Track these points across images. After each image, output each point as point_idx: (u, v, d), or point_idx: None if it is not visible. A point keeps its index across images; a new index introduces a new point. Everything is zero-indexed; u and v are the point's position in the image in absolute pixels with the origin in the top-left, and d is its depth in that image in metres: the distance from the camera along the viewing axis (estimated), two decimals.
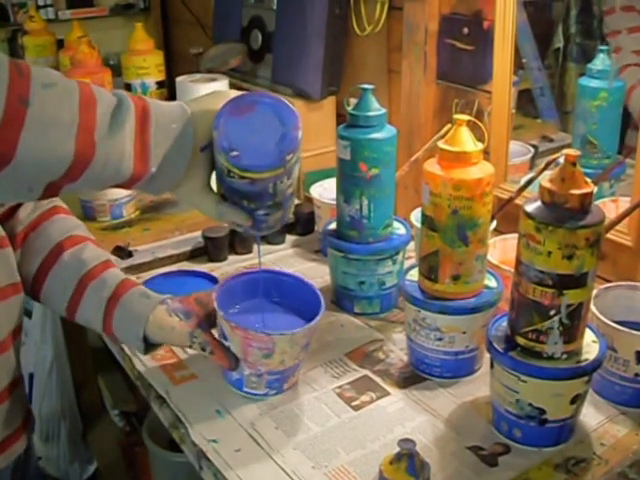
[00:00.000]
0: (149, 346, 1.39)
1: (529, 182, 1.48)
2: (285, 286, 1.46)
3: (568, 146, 1.78)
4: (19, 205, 1.40)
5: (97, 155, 0.99)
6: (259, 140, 1.09)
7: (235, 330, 1.32)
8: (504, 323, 1.28)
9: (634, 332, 1.29)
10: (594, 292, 1.28)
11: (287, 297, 1.27)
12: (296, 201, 2.22)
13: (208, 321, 1.40)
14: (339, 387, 1.44)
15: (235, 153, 1.08)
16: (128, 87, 2.33)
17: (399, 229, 1.69)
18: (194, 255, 1.96)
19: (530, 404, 1.22)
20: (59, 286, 1.39)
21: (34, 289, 1.40)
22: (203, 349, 1.35)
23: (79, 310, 1.40)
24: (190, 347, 1.37)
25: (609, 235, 1.50)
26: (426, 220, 1.39)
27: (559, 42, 1.96)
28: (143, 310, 1.37)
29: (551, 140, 2.02)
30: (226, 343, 1.36)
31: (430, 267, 1.40)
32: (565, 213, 1.13)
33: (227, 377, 1.42)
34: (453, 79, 1.96)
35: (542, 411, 1.22)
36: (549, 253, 1.13)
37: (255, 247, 1.99)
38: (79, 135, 0.96)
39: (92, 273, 1.39)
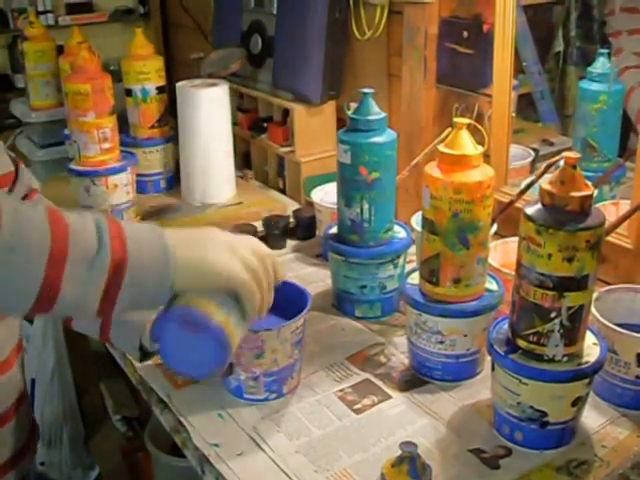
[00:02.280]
0: (145, 354, 1.38)
1: (529, 185, 1.48)
2: (277, 292, 1.46)
3: (568, 149, 1.78)
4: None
5: (57, 307, 0.98)
6: (195, 359, 1.08)
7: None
8: (505, 326, 1.29)
9: (635, 335, 1.30)
10: (595, 295, 1.28)
11: (276, 301, 1.27)
12: (297, 205, 2.23)
13: None
14: (341, 390, 1.44)
15: (167, 360, 1.09)
16: (129, 92, 2.33)
17: (400, 233, 1.70)
18: None
19: (531, 407, 1.22)
20: None
21: None
22: None
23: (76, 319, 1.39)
24: None
25: (610, 238, 1.50)
26: (427, 223, 1.39)
27: (559, 46, 1.96)
28: (139, 319, 1.35)
29: (551, 143, 2.03)
30: None
31: (431, 270, 1.40)
32: (565, 216, 1.13)
33: (227, 385, 1.43)
34: (453, 83, 1.96)
35: (543, 414, 1.22)
36: (549, 255, 1.13)
37: None
38: (42, 292, 0.95)
39: None
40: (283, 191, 2.42)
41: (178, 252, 1.04)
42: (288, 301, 1.24)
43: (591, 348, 1.25)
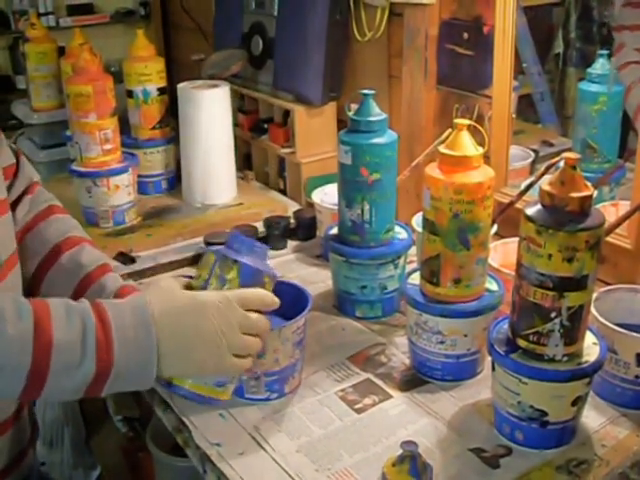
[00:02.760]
0: None
1: (529, 186, 1.49)
2: (278, 293, 1.47)
3: (568, 150, 1.79)
4: (15, 205, 1.40)
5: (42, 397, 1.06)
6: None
7: None
8: (505, 326, 1.29)
9: (634, 334, 1.30)
10: (595, 295, 1.29)
11: (282, 303, 1.28)
12: (298, 206, 2.23)
13: None
14: (342, 390, 1.44)
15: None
16: (130, 93, 2.34)
17: (400, 233, 1.70)
18: (196, 261, 1.96)
19: (531, 406, 1.23)
20: (57, 288, 1.39)
21: (31, 290, 1.40)
22: None
23: None
24: None
25: (609, 238, 1.51)
26: (427, 224, 1.39)
27: (559, 47, 1.96)
28: None
29: (551, 145, 2.03)
30: None
31: (431, 271, 1.40)
32: (565, 216, 1.14)
33: None
34: (453, 84, 1.97)
35: (543, 413, 1.23)
36: (549, 256, 1.14)
37: None
38: (23, 396, 1.03)
39: (91, 277, 1.40)
40: (284, 192, 2.42)
41: (164, 351, 1.09)
42: (289, 301, 1.25)
43: (591, 348, 1.25)
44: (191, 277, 1.23)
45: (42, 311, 1.04)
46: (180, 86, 2.25)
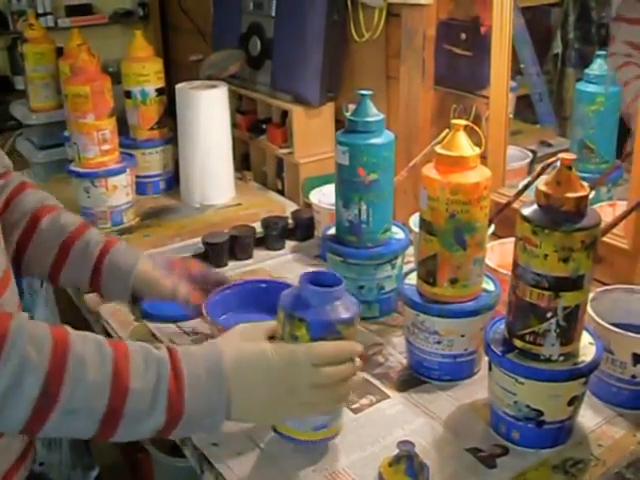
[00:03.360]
0: (135, 300, 1.46)
1: (526, 186, 1.49)
2: (276, 293, 1.48)
3: (566, 151, 1.79)
4: None
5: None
6: None
7: (222, 332, 1.35)
8: (502, 326, 1.29)
9: (631, 334, 1.30)
10: (591, 295, 1.29)
11: (275, 301, 1.29)
12: (295, 207, 2.23)
13: (188, 279, 1.54)
14: None
15: None
16: (128, 94, 2.34)
17: (398, 234, 1.70)
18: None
19: (528, 406, 1.23)
20: (41, 251, 1.46)
21: (16, 261, 1.42)
22: (186, 300, 1.50)
23: (64, 271, 1.48)
24: (173, 300, 1.50)
25: (606, 238, 1.51)
26: (424, 224, 1.40)
27: (557, 47, 1.97)
28: (130, 262, 1.47)
29: (549, 145, 2.03)
30: None
31: (428, 271, 1.41)
32: (561, 216, 1.14)
33: None
34: (451, 84, 1.97)
35: (540, 413, 1.23)
36: (545, 256, 1.14)
37: (256, 252, 2.00)
38: (96, 436, 1.06)
39: (74, 235, 1.47)
40: (282, 192, 2.42)
41: (233, 403, 1.12)
42: None
43: (587, 348, 1.26)
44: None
45: (122, 357, 1.07)
46: (178, 87, 2.25)
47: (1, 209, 1.46)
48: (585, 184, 1.17)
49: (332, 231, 1.71)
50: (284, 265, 1.96)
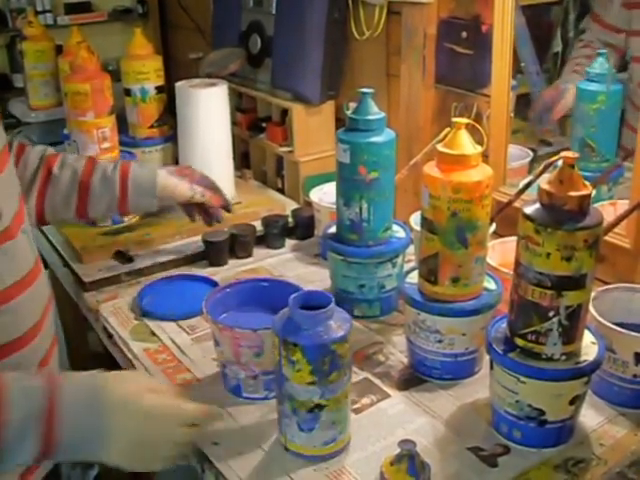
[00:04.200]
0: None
1: (528, 185, 1.49)
2: (276, 292, 1.48)
3: (567, 149, 1.79)
4: None
5: None
6: None
7: (223, 331, 1.37)
8: (503, 325, 1.29)
9: (633, 334, 1.30)
10: (593, 294, 1.29)
11: (279, 302, 1.29)
12: (296, 205, 2.23)
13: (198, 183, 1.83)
14: None
15: None
16: (128, 92, 2.34)
17: (398, 232, 1.70)
18: (194, 259, 1.97)
19: (529, 405, 1.23)
20: (62, 197, 1.67)
21: (38, 212, 1.66)
22: (202, 195, 1.82)
23: (90, 206, 1.71)
24: (191, 199, 1.81)
25: (608, 238, 1.51)
26: (425, 223, 1.39)
27: (558, 46, 1.96)
28: (150, 176, 1.74)
29: (550, 144, 2.03)
30: (218, 348, 1.42)
31: (430, 269, 1.40)
32: (564, 215, 1.14)
33: (227, 384, 1.44)
34: (452, 83, 1.97)
35: (541, 412, 1.23)
36: (548, 255, 1.14)
37: (256, 251, 2.00)
38: None
39: (87, 171, 1.70)
40: (282, 191, 2.42)
41: (109, 443, 1.12)
42: (286, 301, 1.25)
43: (589, 347, 1.25)
44: None
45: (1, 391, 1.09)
46: (178, 85, 2.24)
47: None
48: (587, 183, 1.16)
49: (333, 229, 1.71)
50: (284, 264, 1.96)
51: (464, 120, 1.36)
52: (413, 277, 1.49)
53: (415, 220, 1.72)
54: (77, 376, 1.18)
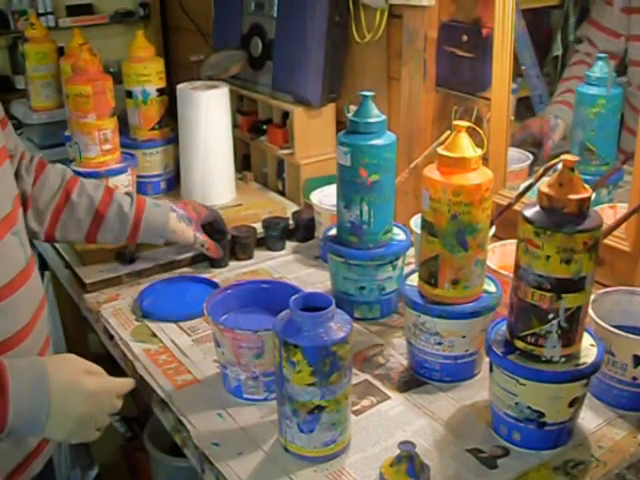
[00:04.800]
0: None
1: (528, 188, 1.49)
2: (277, 294, 1.49)
3: (566, 153, 1.79)
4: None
5: None
6: None
7: (224, 332, 1.37)
8: (503, 327, 1.30)
9: (632, 336, 1.31)
10: (592, 297, 1.29)
11: (280, 304, 1.30)
12: (296, 207, 2.24)
13: (201, 226, 1.90)
14: None
15: None
16: (129, 94, 2.34)
17: (399, 235, 1.70)
18: (195, 261, 1.97)
19: (529, 407, 1.23)
20: (76, 220, 1.73)
21: (49, 231, 1.71)
22: (202, 245, 1.88)
23: (100, 233, 1.76)
24: (193, 245, 1.88)
25: (607, 241, 1.51)
26: (426, 225, 1.40)
27: (558, 50, 1.97)
28: (162, 219, 1.81)
29: None
30: (219, 349, 1.42)
31: (430, 272, 1.41)
32: (563, 218, 1.14)
33: (227, 385, 1.44)
34: (452, 86, 1.97)
35: (541, 414, 1.23)
36: (547, 257, 1.15)
37: (256, 253, 2.01)
38: None
39: (104, 202, 1.75)
40: (282, 193, 2.43)
41: (50, 421, 1.20)
42: (287, 302, 1.25)
43: (588, 349, 1.26)
44: None
45: None
46: (179, 87, 2.25)
47: (31, 185, 1.68)
48: (587, 186, 1.17)
49: (333, 232, 1.71)
50: (285, 266, 1.96)
51: (464, 123, 1.37)
52: (413, 279, 1.49)
53: (415, 223, 1.73)
54: (19, 362, 1.22)
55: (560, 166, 1.17)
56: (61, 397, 1.20)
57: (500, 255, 1.62)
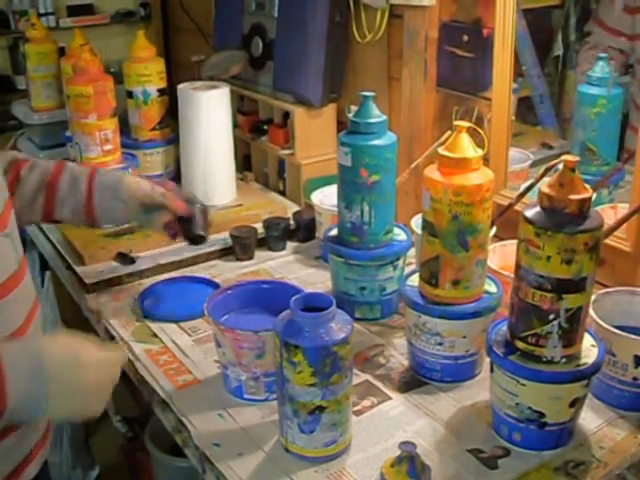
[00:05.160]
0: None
1: (529, 188, 1.49)
2: (277, 294, 1.49)
3: (567, 153, 1.79)
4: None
5: None
6: None
7: (225, 333, 1.38)
8: (504, 327, 1.29)
9: (632, 336, 1.31)
10: (593, 297, 1.29)
11: (280, 304, 1.30)
12: (297, 208, 2.24)
13: (177, 219, 1.71)
14: None
15: None
16: (130, 94, 2.34)
17: (400, 235, 1.70)
18: (196, 261, 1.97)
19: (529, 407, 1.23)
20: (27, 198, 1.63)
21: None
22: (162, 195, 1.67)
23: (57, 205, 1.65)
24: (152, 196, 1.67)
25: (608, 241, 1.51)
26: (427, 225, 1.40)
27: (559, 49, 1.97)
28: (116, 176, 1.69)
29: (550, 147, 2.03)
30: (219, 350, 1.42)
31: (431, 272, 1.41)
32: (564, 218, 1.14)
33: (228, 386, 1.44)
34: (453, 86, 1.97)
35: (541, 414, 1.23)
36: (548, 258, 1.14)
37: (257, 253, 2.01)
38: None
39: (55, 172, 1.66)
40: (283, 193, 2.43)
41: (51, 399, 1.16)
42: (288, 303, 1.26)
43: (589, 350, 1.26)
44: None
45: None
46: (180, 87, 2.25)
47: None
48: (588, 186, 1.17)
49: (334, 232, 1.71)
50: (285, 266, 1.96)
51: (465, 123, 1.37)
52: (414, 280, 1.49)
53: (416, 223, 1.73)
54: (12, 345, 1.21)
55: (561, 166, 1.17)
56: (58, 373, 1.17)
57: (501, 255, 1.63)
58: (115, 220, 1.77)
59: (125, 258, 1.94)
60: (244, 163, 2.59)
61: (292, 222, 2.10)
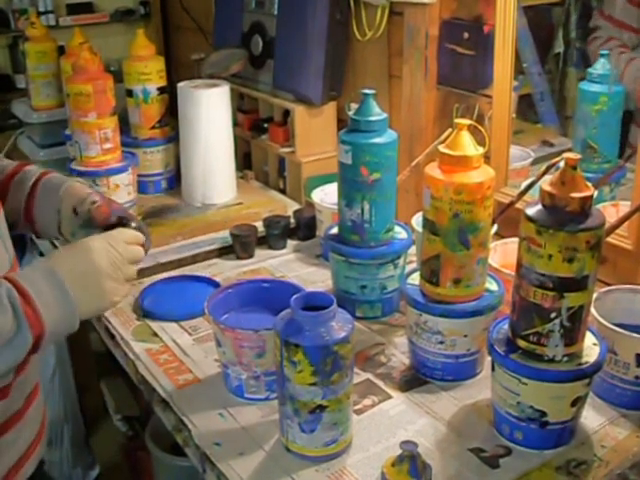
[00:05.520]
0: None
1: (530, 186, 1.49)
2: (278, 293, 1.48)
3: (568, 150, 1.78)
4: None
5: None
6: None
7: (225, 332, 1.37)
8: (505, 326, 1.29)
9: (634, 335, 1.30)
10: (595, 295, 1.29)
11: (281, 303, 1.29)
12: (297, 206, 2.23)
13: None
14: None
15: None
16: (130, 93, 2.34)
17: (400, 233, 1.70)
18: (196, 260, 1.97)
19: (531, 406, 1.23)
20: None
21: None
22: (93, 202, 1.51)
23: (6, 203, 1.51)
24: (83, 201, 1.52)
25: (609, 239, 1.50)
26: (427, 224, 1.39)
27: (559, 47, 1.96)
28: (62, 179, 1.58)
29: (551, 145, 2.03)
30: (220, 349, 1.42)
31: (431, 271, 1.40)
32: (566, 216, 1.14)
33: (228, 385, 1.44)
34: (454, 84, 1.97)
35: (543, 413, 1.23)
36: (550, 256, 1.14)
37: (257, 252, 2.00)
38: None
39: (13, 171, 1.59)
40: (283, 191, 2.42)
41: (78, 298, 1.23)
42: (288, 301, 1.25)
43: (591, 348, 1.25)
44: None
45: None
46: (180, 85, 2.24)
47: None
48: (590, 184, 1.16)
49: (334, 230, 1.71)
50: (286, 264, 1.96)
51: (466, 121, 1.36)
52: (415, 278, 1.49)
53: (417, 221, 1.72)
54: (23, 271, 1.26)
55: (562, 164, 1.16)
56: (73, 276, 1.23)
57: (502, 254, 1.62)
58: (49, 217, 1.58)
59: None
60: (244, 161, 2.58)
61: (292, 220, 2.10)
